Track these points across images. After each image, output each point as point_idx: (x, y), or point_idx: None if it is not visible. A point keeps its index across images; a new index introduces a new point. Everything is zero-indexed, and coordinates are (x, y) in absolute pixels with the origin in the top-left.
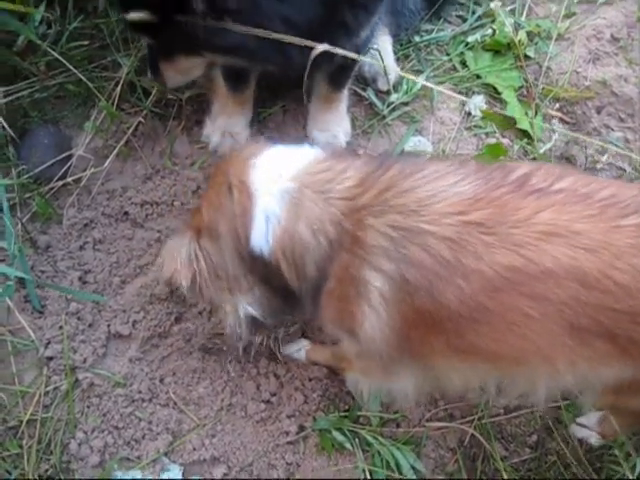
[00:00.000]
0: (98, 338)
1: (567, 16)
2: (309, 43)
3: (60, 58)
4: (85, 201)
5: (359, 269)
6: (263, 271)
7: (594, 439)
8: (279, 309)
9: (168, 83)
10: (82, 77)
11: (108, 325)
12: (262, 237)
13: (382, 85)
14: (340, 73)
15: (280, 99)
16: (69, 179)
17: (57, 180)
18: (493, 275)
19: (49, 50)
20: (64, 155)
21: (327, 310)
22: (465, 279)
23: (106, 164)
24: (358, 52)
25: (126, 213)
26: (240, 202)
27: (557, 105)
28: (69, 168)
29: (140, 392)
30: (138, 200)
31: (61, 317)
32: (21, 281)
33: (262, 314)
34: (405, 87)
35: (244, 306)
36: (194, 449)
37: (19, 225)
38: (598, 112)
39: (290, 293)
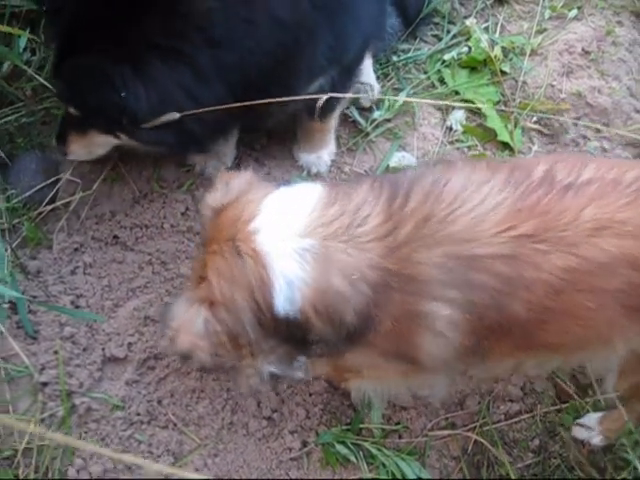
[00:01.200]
0: (93, 362)
1: (539, 32)
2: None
3: (46, 83)
4: (74, 225)
5: (417, 304)
6: (287, 330)
7: (596, 439)
8: (296, 357)
9: (69, 155)
10: None
11: (103, 349)
12: (287, 302)
13: (364, 102)
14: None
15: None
16: (58, 203)
17: (46, 204)
18: (553, 280)
19: (35, 75)
20: (52, 180)
21: (376, 347)
22: (528, 290)
23: (94, 187)
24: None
25: (116, 237)
26: (256, 272)
27: (535, 118)
28: (57, 192)
29: (139, 414)
30: (127, 223)
31: (55, 342)
32: (12, 307)
33: (283, 368)
34: (387, 104)
35: (266, 367)
36: (196, 470)
37: (9, 250)
38: (575, 123)
39: (309, 342)
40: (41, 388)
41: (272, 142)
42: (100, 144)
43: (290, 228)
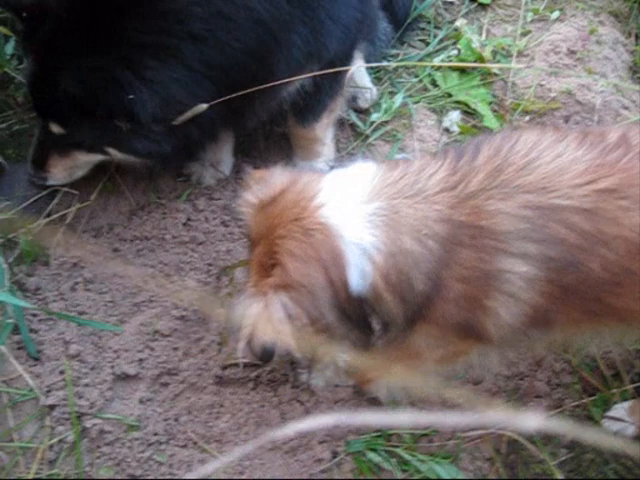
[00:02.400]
0: (103, 380)
1: (523, 34)
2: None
3: None
4: (71, 240)
5: (491, 261)
6: (358, 311)
7: (630, 430)
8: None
9: (49, 179)
10: None
11: (112, 366)
12: (359, 276)
13: (362, 103)
14: (304, 110)
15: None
16: (54, 216)
17: (42, 216)
18: (635, 237)
19: (24, 82)
20: (46, 192)
21: (443, 316)
22: (607, 247)
23: (92, 198)
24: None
25: (116, 250)
26: (327, 246)
27: (527, 118)
28: (53, 205)
29: (156, 434)
30: (127, 236)
31: (60, 361)
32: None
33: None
34: (384, 105)
35: (340, 354)
36: None
37: (6, 266)
38: (566, 121)
39: (373, 328)
40: (48, 412)
41: (269, 148)
42: (83, 164)
43: (355, 196)
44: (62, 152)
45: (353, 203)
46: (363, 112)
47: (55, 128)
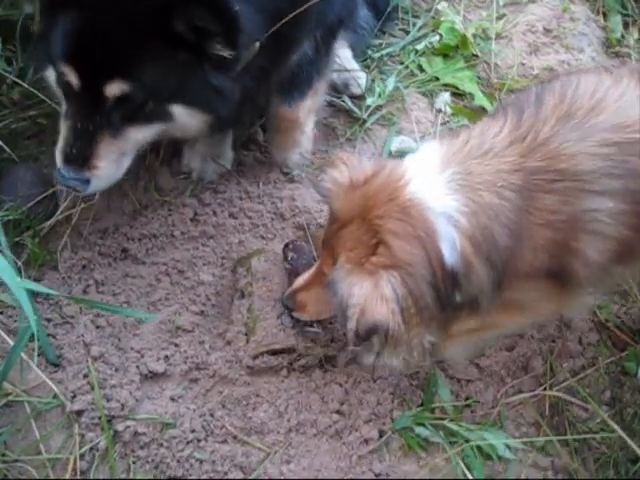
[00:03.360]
0: (131, 381)
1: (499, 18)
2: None
3: (32, 89)
4: (78, 242)
5: (575, 202)
6: (448, 292)
7: None
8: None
9: (93, 181)
10: (56, 107)
11: (137, 366)
12: (451, 246)
13: (355, 89)
14: (292, 87)
15: (258, 117)
16: (60, 216)
17: (47, 216)
18: None
19: (19, 82)
20: (50, 191)
21: (529, 265)
22: None
23: (96, 198)
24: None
25: (125, 250)
26: (422, 222)
27: (513, 96)
28: (57, 204)
29: (193, 431)
30: (135, 235)
31: (83, 364)
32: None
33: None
34: (378, 90)
35: (428, 336)
36: None
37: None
38: None
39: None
40: (76, 418)
41: (267, 140)
42: (134, 145)
43: (431, 169)
44: (114, 132)
45: (432, 175)
46: (357, 98)
47: (115, 88)
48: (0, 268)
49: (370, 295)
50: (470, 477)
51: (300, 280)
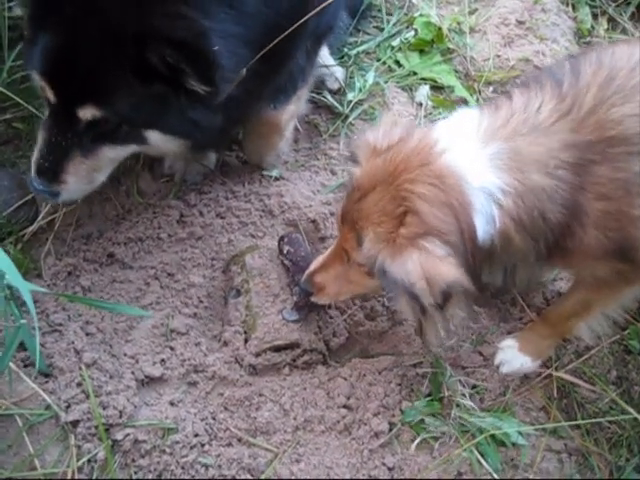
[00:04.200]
0: (127, 387)
1: (471, 12)
2: None
3: (6, 91)
4: (61, 248)
5: (627, 167)
6: (477, 264)
7: None
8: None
9: (62, 194)
10: (34, 110)
11: (133, 372)
12: (487, 222)
13: (331, 84)
14: (277, 90)
15: None
16: (42, 222)
17: (28, 222)
18: None
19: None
20: (30, 197)
21: (588, 244)
22: None
23: (78, 201)
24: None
25: (111, 255)
26: (457, 192)
27: (491, 88)
28: (37, 211)
29: (197, 435)
30: (120, 239)
31: (75, 372)
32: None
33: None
34: (358, 84)
35: (457, 312)
36: None
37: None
38: None
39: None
40: (71, 429)
41: (243, 141)
42: (107, 163)
43: (472, 140)
44: (85, 151)
45: (473, 148)
46: (337, 93)
47: (88, 113)
48: (5, 268)
49: (425, 262)
50: (486, 466)
51: (317, 261)
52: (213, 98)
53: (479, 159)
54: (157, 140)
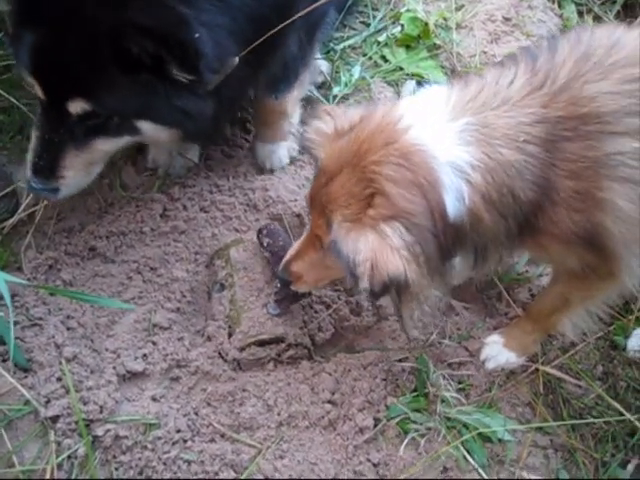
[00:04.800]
0: (108, 382)
1: (457, 9)
2: None
3: None
4: (42, 241)
5: (598, 146)
6: (449, 244)
7: None
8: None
9: (62, 189)
10: (15, 101)
11: (114, 367)
12: (457, 198)
13: (316, 77)
14: (278, 80)
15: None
16: (22, 215)
17: (8, 214)
18: None
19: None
20: (10, 188)
21: (557, 224)
22: None
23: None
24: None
25: (92, 249)
26: (424, 169)
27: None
28: (17, 203)
29: (179, 431)
30: (102, 233)
31: (56, 367)
32: None
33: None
34: (344, 79)
35: (433, 290)
36: (266, 479)
37: None
38: None
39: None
40: (51, 425)
41: (235, 134)
42: (102, 156)
43: (439, 115)
44: (79, 145)
45: (439, 122)
46: (322, 87)
47: (77, 107)
48: None
49: (378, 247)
50: (472, 462)
51: (292, 249)
52: (199, 87)
53: (447, 134)
54: (149, 130)
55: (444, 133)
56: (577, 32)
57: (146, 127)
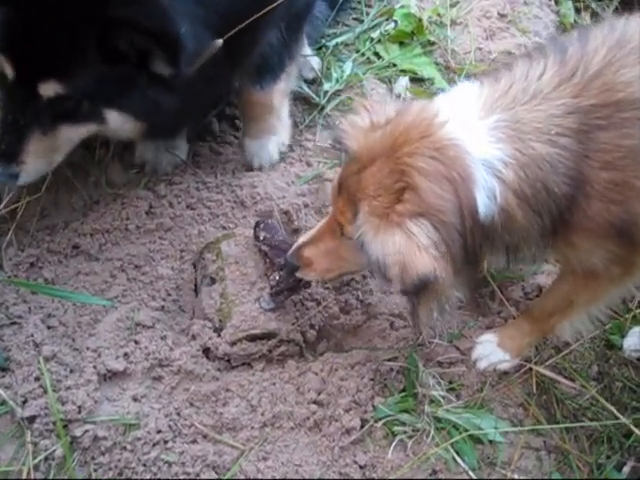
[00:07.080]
0: (88, 381)
1: (452, 5)
2: None
3: None
4: (24, 239)
5: (634, 134)
6: (476, 243)
7: None
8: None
9: (21, 176)
10: None
11: (94, 366)
12: (488, 196)
13: (307, 73)
14: (263, 71)
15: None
16: (3, 211)
17: None
18: None
19: None
20: None
21: (592, 218)
22: None
23: (42, 189)
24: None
25: (76, 246)
26: (458, 164)
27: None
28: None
29: (160, 432)
30: (86, 230)
31: (34, 366)
32: None
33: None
34: (335, 75)
35: (453, 292)
36: None
37: None
38: None
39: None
40: (27, 425)
41: (223, 131)
42: (65, 143)
43: (472, 112)
44: (45, 129)
45: (473, 119)
46: (313, 83)
47: (49, 89)
48: None
49: (406, 248)
50: (462, 464)
51: (307, 234)
52: (174, 79)
53: (479, 131)
54: (116, 120)
55: (477, 130)
56: (610, 21)
57: (112, 116)
